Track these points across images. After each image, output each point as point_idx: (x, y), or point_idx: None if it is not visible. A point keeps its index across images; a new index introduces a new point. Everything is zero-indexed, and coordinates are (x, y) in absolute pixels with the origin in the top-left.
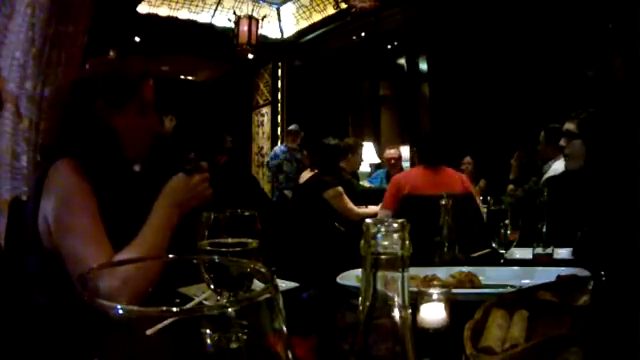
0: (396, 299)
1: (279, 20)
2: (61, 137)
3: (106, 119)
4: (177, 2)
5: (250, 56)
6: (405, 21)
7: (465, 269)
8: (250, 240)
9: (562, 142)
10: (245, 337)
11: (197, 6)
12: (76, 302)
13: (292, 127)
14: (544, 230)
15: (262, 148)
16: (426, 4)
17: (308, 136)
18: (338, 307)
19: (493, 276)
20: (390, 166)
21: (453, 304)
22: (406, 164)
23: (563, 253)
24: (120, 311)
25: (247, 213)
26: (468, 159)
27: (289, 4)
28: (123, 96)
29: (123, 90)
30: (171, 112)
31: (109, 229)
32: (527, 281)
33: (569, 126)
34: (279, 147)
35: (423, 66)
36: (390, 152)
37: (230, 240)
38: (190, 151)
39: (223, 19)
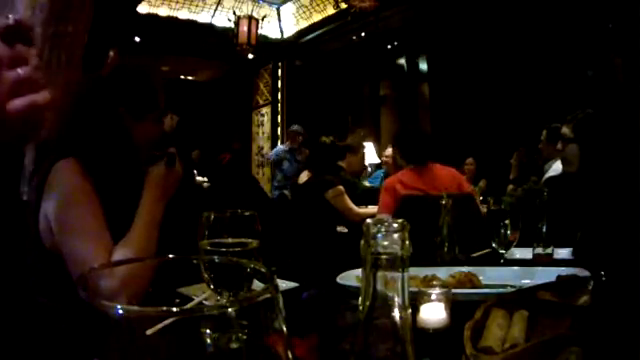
0: (396, 299)
1: (279, 20)
2: (71, 136)
3: (124, 125)
4: (177, 2)
5: (250, 56)
6: (405, 21)
7: (465, 269)
8: (250, 240)
9: (559, 146)
10: (245, 337)
11: (197, 6)
12: (76, 302)
13: (293, 127)
14: (544, 230)
15: (262, 148)
16: (426, 4)
17: (308, 136)
18: (338, 307)
19: (493, 276)
20: (388, 166)
21: (453, 304)
22: None
23: (563, 253)
24: (120, 311)
25: (247, 213)
26: (470, 160)
27: (289, 4)
28: (145, 108)
29: (146, 102)
30: (171, 110)
31: (112, 229)
32: (527, 281)
33: (564, 130)
34: (281, 146)
35: (423, 66)
36: (388, 151)
37: (230, 240)
38: (194, 149)
39: (223, 19)
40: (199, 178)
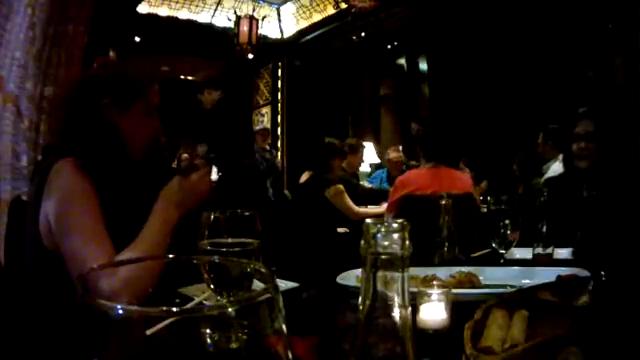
0: (396, 299)
1: (279, 20)
2: (65, 136)
3: (111, 119)
4: (177, 2)
5: (250, 56)
6: (405, 21)
7: (465, 269)
8: (250, 240)
9: (582, 144)
10: (245, 337)
11: (197, 6)
12: (76, 302)
13: (260, 126)
14: (544, 230)
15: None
16: (426, 4)
17: (308, 136)
18: (338, 307)
19: (493, 276)
20: (396, 168)
21: (453, 304)
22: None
23: (563, 253)
24: (120, 311)
25: (247, 213)
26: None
27: (289, 4)
28: (129, 96)
29: (129, 90)
30: (211, 86)
31: (111, 229)
32: (527, 281)
33: (587, 127)
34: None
35: (423, 66)
36: (397, 155)
37: (230, 240)
38: (212, 152)
39: (223, 19)
40: (214, 176)
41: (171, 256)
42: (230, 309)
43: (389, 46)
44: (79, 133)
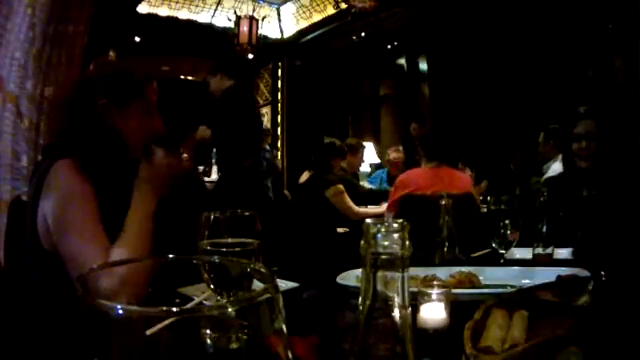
0: (396, 299)
1: (279, 20)
2: (64, 137)
3: (109, 118)
4: (177, 2)
5: (250, 56)
6: (405, 21)
7: (465, 269)
8: (250, 240)
9: (582, 144)
10: (245, 337)
11: (197, 6)
12: (76, 302)
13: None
14: (544, 230)
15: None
16: (426, 4)
17: (308, 136)
18: (338, 307)
19: (493, 276)
20: (397, 168)
21: (453, 304)
22: None
23: (563, 253)
24: (120, 311)
25: (247, 213)
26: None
27: (289, 4)
28: (127, 96)
29: (127, 90)
30: (219, 70)
31: (109, 229)
32: (527, 281)
33: (588, 127)
34: None
35: (423, 66)
36: (397, 155)
37: (230, 240)
38: (211, 149)
39: (223, 19)
40: (214, 176)
41: (171, 256)
42: (230, 309)
43: (389, 46)
44: (78, 134)
